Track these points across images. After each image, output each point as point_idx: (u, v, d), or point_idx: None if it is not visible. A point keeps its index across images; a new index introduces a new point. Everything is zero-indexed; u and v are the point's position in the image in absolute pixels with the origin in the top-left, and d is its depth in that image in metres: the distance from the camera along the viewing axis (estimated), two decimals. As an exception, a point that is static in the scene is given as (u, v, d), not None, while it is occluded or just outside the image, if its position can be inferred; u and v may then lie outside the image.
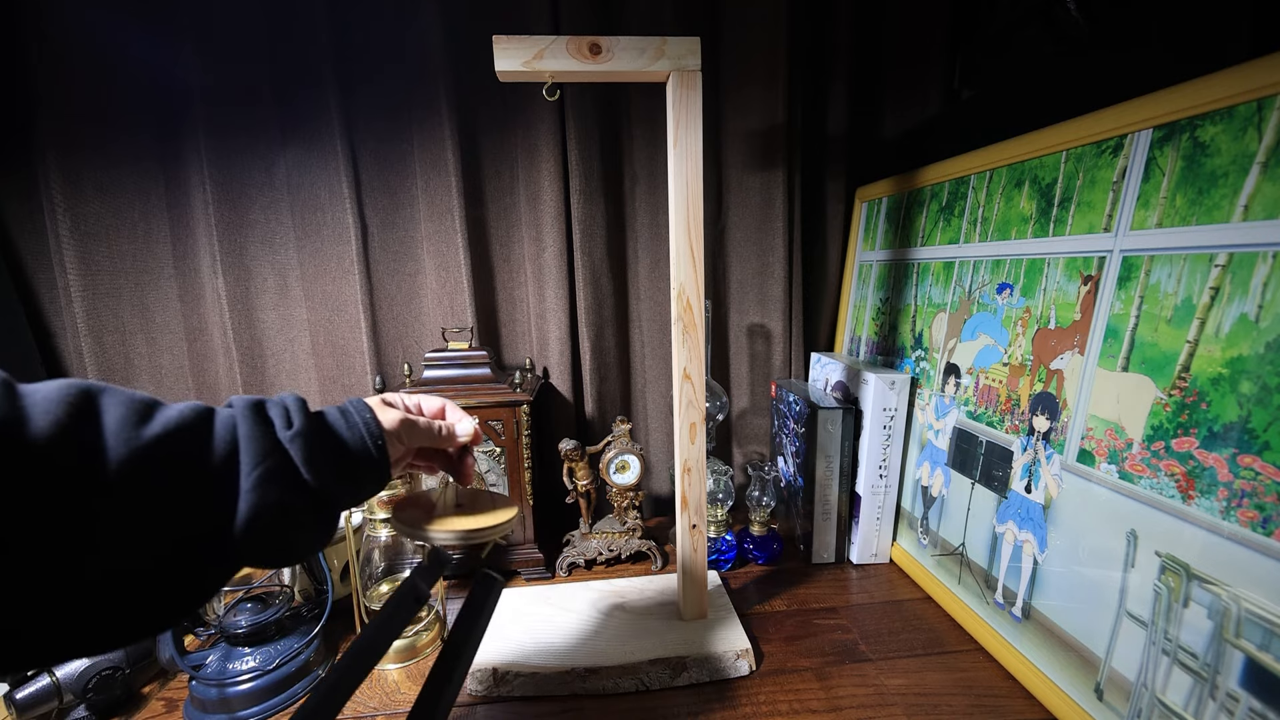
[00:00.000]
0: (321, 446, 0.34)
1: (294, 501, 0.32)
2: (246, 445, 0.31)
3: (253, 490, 0.30)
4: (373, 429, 0.37)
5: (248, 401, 0.33)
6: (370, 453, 0.37)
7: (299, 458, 0.33)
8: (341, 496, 0.35)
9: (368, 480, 0.37)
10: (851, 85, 0.94)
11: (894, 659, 0.62)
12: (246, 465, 0.30)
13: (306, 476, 0.33)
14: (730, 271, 0.97)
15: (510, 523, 0.46)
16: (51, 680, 0.54)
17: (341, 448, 0.36)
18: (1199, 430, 0.42)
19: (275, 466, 0.31)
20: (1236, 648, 0.39)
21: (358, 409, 0.38)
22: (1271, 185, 0.39)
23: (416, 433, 0.41)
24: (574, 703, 0.58)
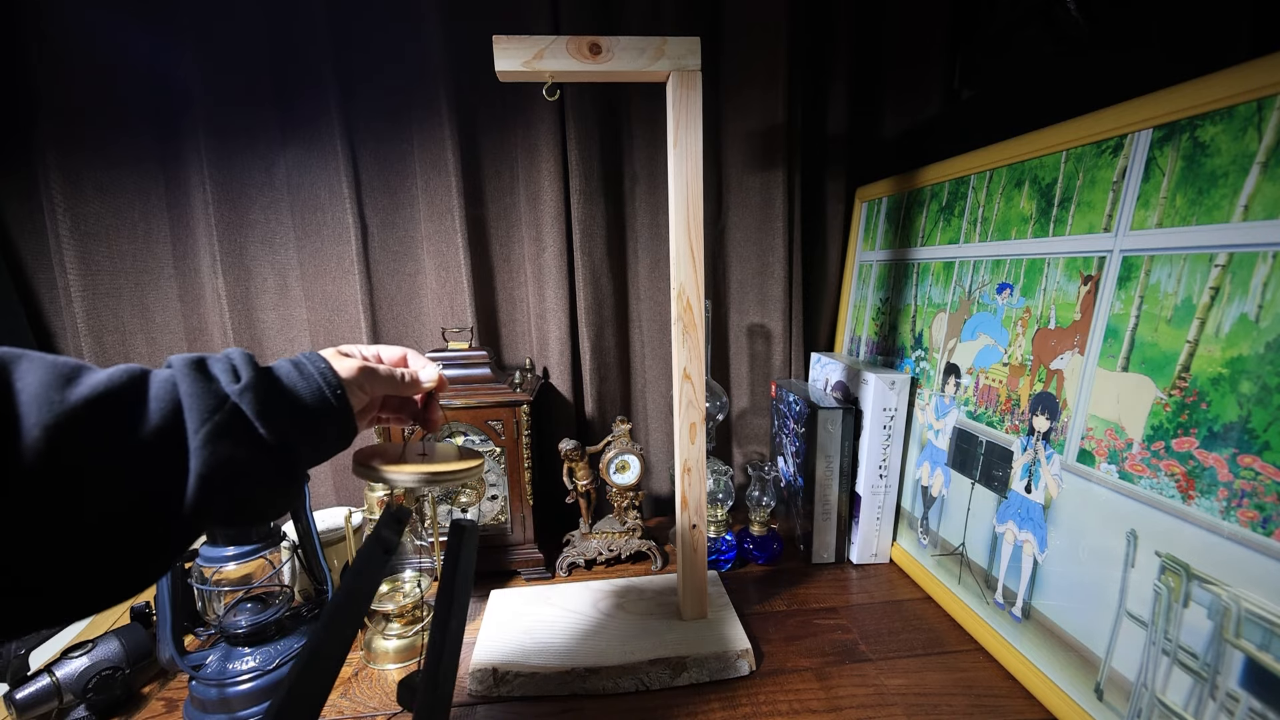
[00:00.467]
0: (275, 399, 0.32)
1: (250, 457, 0.31)
2: (190, 403, 0.29)
3: (202, 448, 0.29)
4: (329, 378, 0.36)
5: (187, 359, 0.31)
6: (329, 402, 0.35)
7: (251, 411, 0.31)
8: (303, 450, 0.34)
9: (329, 432, 0.36)
10: (851, 85, 0.94)
11: (894, 659, 0.62)
12: (192, 423, 0.29)
13: (261, 431, 0.31)
14: (730, 271, 0.97)
15: (474, 470, 0.44)
16: (51, 680, 0.54)
17: (297, 400, 0.34)
18: (1199, 430, 0.42)
19: (225, 422, 0.30)
20: (1236, 648, 0.39)
21: (311, 360, 0.36)
22: (1271, 185, 0.39)
23: (377, 380, 0.40)
24: (574, 703, 0.58)
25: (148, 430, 0.27)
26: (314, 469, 0.92)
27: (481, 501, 0.82)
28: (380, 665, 0.64)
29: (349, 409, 0.36)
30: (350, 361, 0.38)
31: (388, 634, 0.65)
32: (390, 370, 0.42)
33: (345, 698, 0.59)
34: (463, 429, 0.80)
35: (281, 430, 0.32)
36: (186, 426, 0.29)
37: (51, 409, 0.25)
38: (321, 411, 0.35)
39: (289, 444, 0.33)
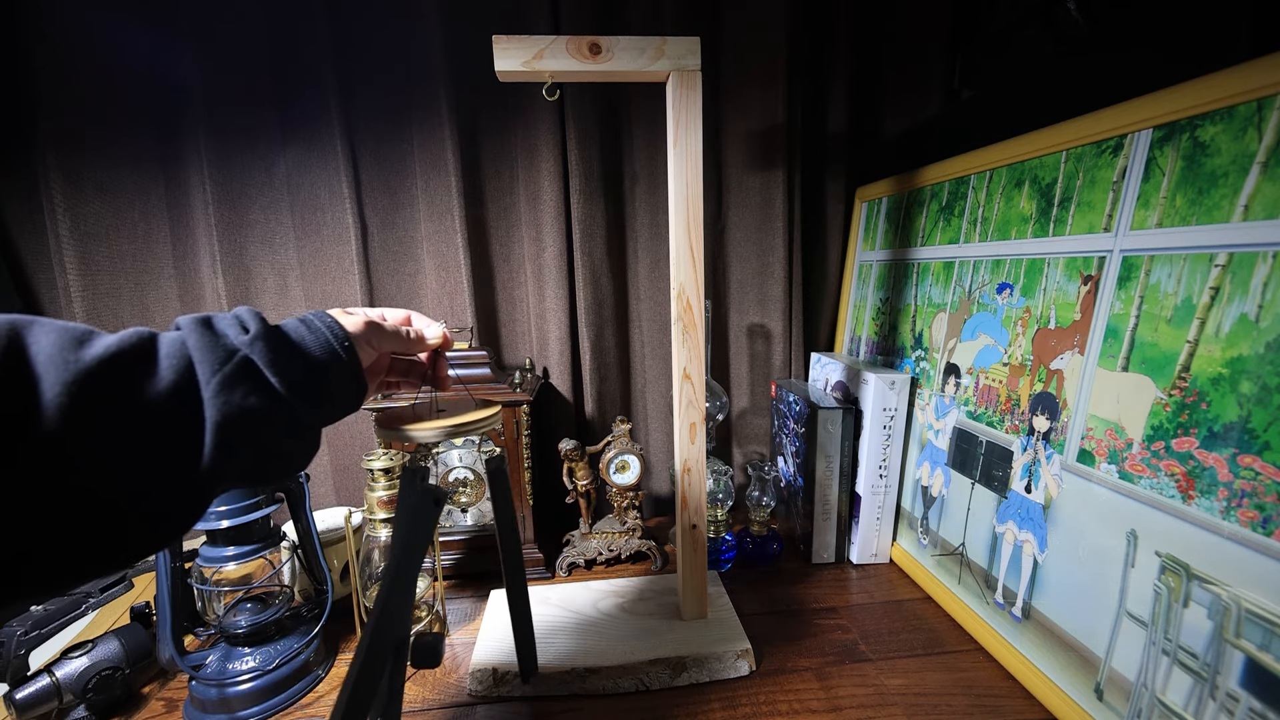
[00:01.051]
0: (284, 350, 0.32)
1: (262, 407, 0.31)
2: (200, 356, 0.29)
3: (215, 397, 0.29)
4: (337, 331, 0.36)
5: (195, 317, 0.31)
6: (339, 355, 0.35)
7: (261, 361, 0.31)
8: (316, 402, 0.34)
9: (341, 386, 0.36)
10: (851, 85, 0.94)
11: (894, 659, 0.62)
12: (204, 374, 0.29)
13: (272, 380, 0.31)
14: (730, 271, 0.97)
15: (492, 419, 0.45)
16: (51, 680, 0.54)
17: (306, 352, 0.34)
18: (1199, 430, 0.42)
19: (235, 373, 0.30)
20: (1236, 648, 0.39)
21: (318, 316, 0.36)
22: (1271, 185, 0.39)
23: (383, 336, 0.40)
24: (574, 703, 0.58)
25: (162, 385, 0.28)
26: (314, 472, 0.92)
27: (481, 501, 0.82)
28: (380, 665, 0.64)
29: (358, 362, 0.37)
30: (356, 317, 0.39)
31: (388, 634, 0.65)
32: (396, 326, 0.42)
33: (345, 698, 0.59)
34: (463, 429, 0.80)
35: (292, 381, 0.32)
36: (199, 379, 0.29)
37: (68, 368, 0.25)
38: (331, 364, 0.35)
39: (301, 395, 0.33)
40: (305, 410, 0.33)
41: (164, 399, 0.28)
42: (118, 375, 0.27)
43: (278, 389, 0.32)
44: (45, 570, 0.26)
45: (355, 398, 0.38)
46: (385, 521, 0.66)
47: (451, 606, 0.74)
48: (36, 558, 0.25)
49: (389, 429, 0.43)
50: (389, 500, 0.66)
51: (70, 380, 0.25)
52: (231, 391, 0.29)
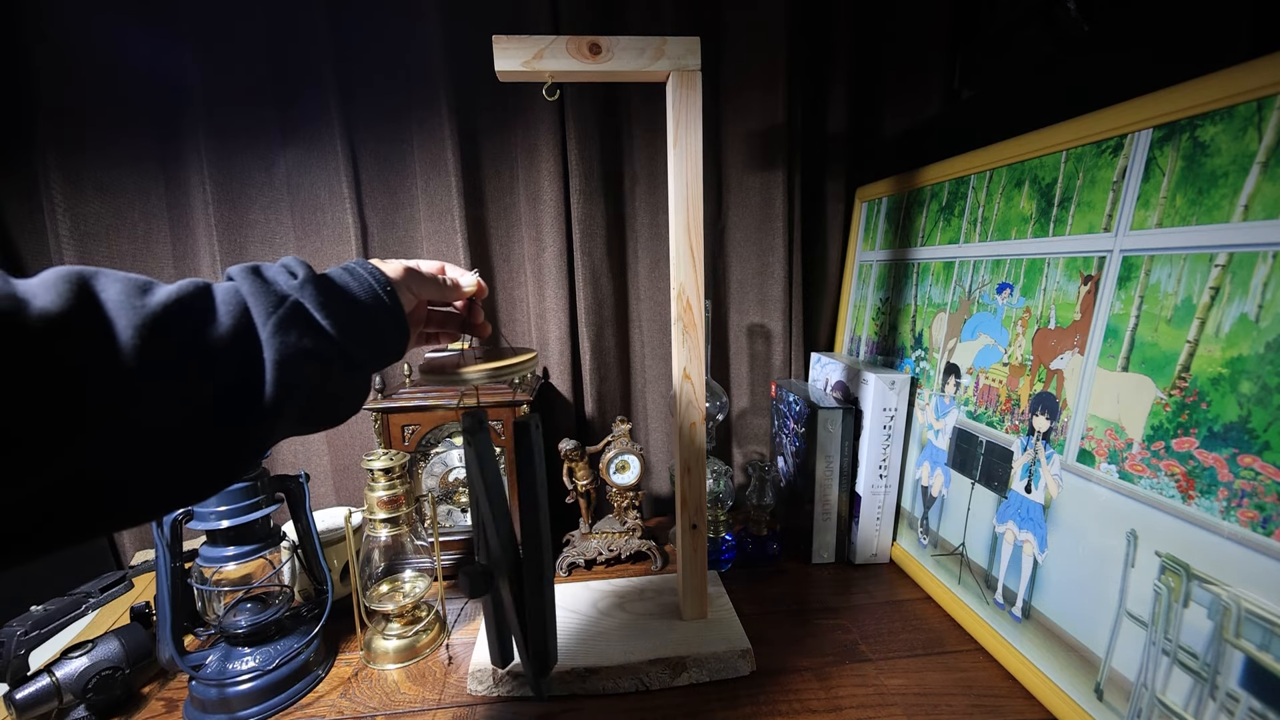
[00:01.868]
0: (331, 294, 0.34)
1: (316, 347, 0.32)
2: (255, 301, 0.31)
3: (273, 337, 0.30)
4: (379, 277, 0.38)
5: (245, 266, 0.33)
6: (383, 299, 0.37)
7: (311, 304, 0.33)
8: (364, 344, 0.36)
9: (386, 329, 0.38)
10: (851, 85, 0.94)
11: (894, 659, 0.62)
12: (260, 318, 0.30)
13: (323, 322, 0.33)
14: (730, 271, 0.97)
15: (531, 361, 0.49)
16: (51, 680, 0.54)
17: (351, 297, 0.36)
18: (1199, 430, 0.42)
19: (288, 315, 0.31)
20: (1236, 648, 0.39)
21: (359, 264, 0.38)
22: (1271, 185, 0.39)
23: (422, 281, 0.42)
24: (574, 703, 0.58)
25: (222, 328, 0.29)
26: (314, 471, 0.92)
27: (481, 501, 0.82)
28: (380, 665, 0.64)
29: (400, 307, 0.38)
30: (395, 264, 0.40)
31: (388, 634, 0.65)
32: (433, 273, 0.44)
33: (345, 698, 0.59)
34: (463, 429, 0.80)
35: (341, 323, 0.34)
36: (255, 322, 0.30)
37: (137, 313, 0.26)
38: (375, 307, 0.37)
39: (350, 336, 0.34)
40: (355, 350, 0.35)
41: (225, 340, 0.29)
42: (181, 319, 0.28)
43: (329, 331, 0.33)
44: (143, 498, 0.27)
45: (399, 342, 0.39)
46: (385, 521, 0.66)
47: (451, 606, 0.74)
48: (133, 487, 0.27)
49: (436, 373, 0.45)
50: (389, 500, 0.66)
51: (140, 323, 0.26)
52: (287, 333, 0.31)
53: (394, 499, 0.66)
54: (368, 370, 0.37)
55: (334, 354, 0.33)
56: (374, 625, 0.67)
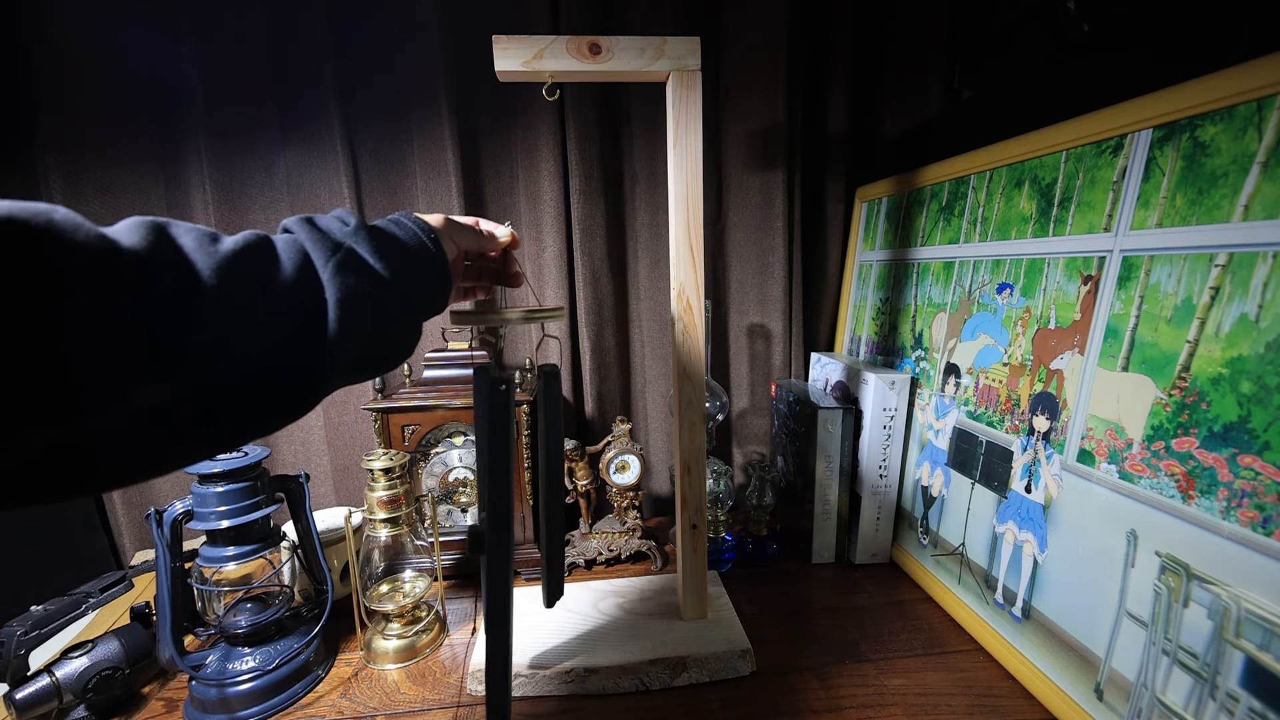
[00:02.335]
0: (381, 241, 0.36)
1: (373, 290, 0.34)
2: (313, 247, 0.33)
3: (333, 278, 0.32)
4: (424, 226, 0.40)
5: (299, 217, 0.35)
6: (428, 247, 0.40)
7: (364, 249, 0.35)
8: (415, 289, 0.38)
9: (432, 276, 0.40)
10: (851, 85, 0.94)
11: (894, 659, 0.62)
12: (319, 261, 0.32)
13: (376, 266, 0.35)
14: (730, 271, 0.97)
15: (561, 311, 0.52)
16: (51, 680, 0.54)
17: (400, 243, 0.38)
18: (1199, 430, 0.42)
19: (345, 260, 0.33)
20: (1236, 648, 0.39)
21: (404, 215, 0.41)
22: (1271, 185, 0.39)
23: (462, 231, 0.45)
24: (574, 703, 0.58)
25: (286, 272, 0.31)
26: (314, 471, 0.92)
27: (481, 501, 0.82)
28: (380, 665, 0.64)
29: (444, 254, 0.41)
30: (437, 216, 0.44)
31: (388, 634, 0.65)
32: (469, 223, 0.47)
33: (345, 698, 0.59)
34: (463, 429, 0.80)
35: (393, 267, 0.36)
36: (316, 266, 0.32)
37: (213, 257, 0.28)
38: (422, 254, 0.39)
39: (402, 279, 0.36)
40: (407, 290, 0.37)
41: (291, 283, 0.31)
42: (251, 263, 0.30)
43: (382, 273, 0.35)
44: (231, 428, 0.29)
45: (443, 288, 0.42)
46: (385, 521, 0.66)
47: (451, 606, 0.74)
48: (221, 417, 0.28)
49: (471, 313, 0.49)
50: (389, 500, 0.66)
51: (216, 266, 0.27)
52: (345, 275, 0.33)
53: (394, 499, 0.66)
54: (417, 315, 0.39)
55: (388, 295, 0.35)
56: (374, 625, 0.67)
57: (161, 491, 0.91)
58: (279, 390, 0.31)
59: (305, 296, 0.31)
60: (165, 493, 0.91)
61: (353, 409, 0.92)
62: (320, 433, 0.93)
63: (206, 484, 0.56)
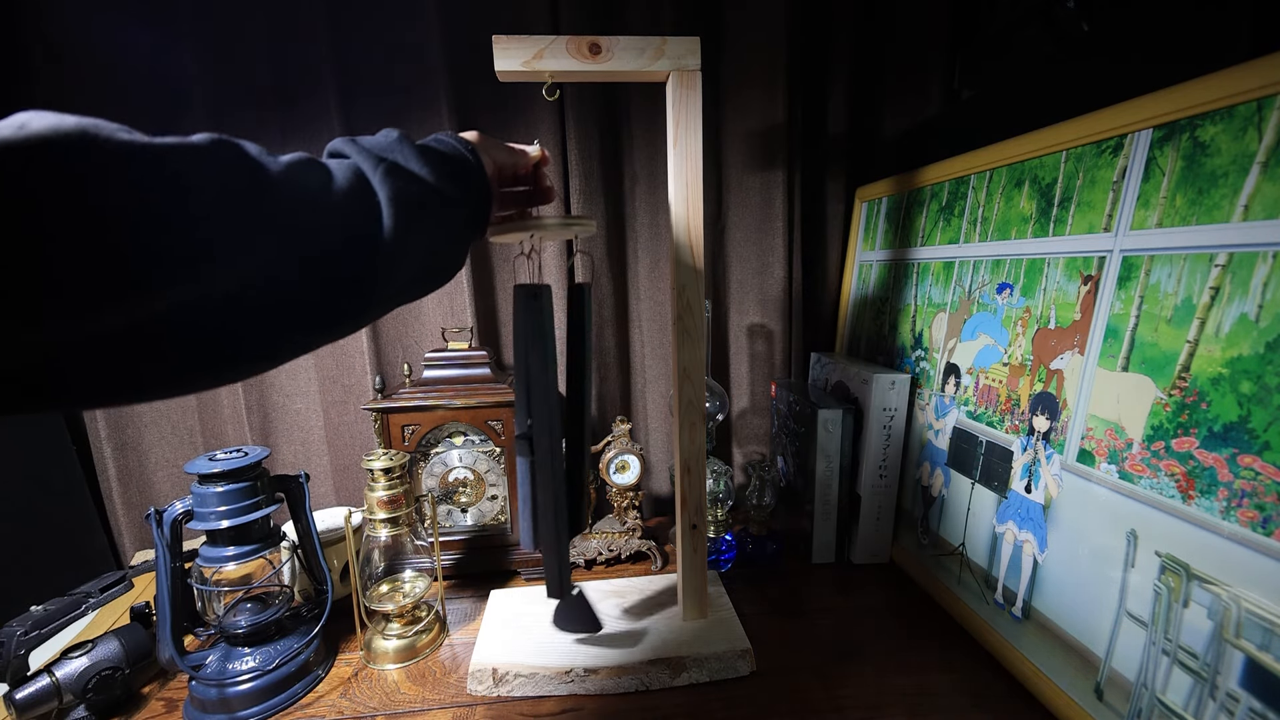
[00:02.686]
0: (424, 150, 0.38)
1: (421, 193, 0.35)
2: (360, 159, 0.34)
3: (383, 181, 0.33)
4: (462, 140, 0.42)
5: (343, 138, 0.36)
6: (468, 158, 0.41)
7: (408, 157, 0.36)
8: (458, 195, 0.39)
9: (473, 185, 0.41)
10: (851, 85, 0.94)
11: (894, 659, 0.62)
12: (368, 170, 0.34)
13: (420, 173, 0.36)
14: (730, 271, 0.97)
15: (593, 223, 0.55)
16: (51, 680, 0.54)
17: (441, 154, 0.39)
18: (1199, 430, 0.42)
19: (391, 167, 0.34)
20: (1236, 648, 0.39)
21: (442, 133, 0.42)
22: (1271, 185, 0.39)
23: (495, 147, 0.47)
24: (574, 702, 0.58)
25: (340, 180, 0.32)
26: (314, 471, 0.92)
27: (481, 501, 0.82)
28: (380, 665, 0.64)
29: (483, 165, 0.43)
30: (472, 133, 0.45)
31: (388, 634, 0.65)
32: (502, 143, 0.49)
33: (345, 698, 0.59)
34: (463, 429, 0.80)
35: (437, 174, 0.37)
36: (365, 173, 0.34)
37: (280, 165, 0.30)
38: (461, 164, 0.41)
39: (445, 186, 0.38)
40: (453, 195, 0.38)
41: (347, 186, 0.32)
42: (310, 175, 0.32)
43: (427, 179, 0.37)
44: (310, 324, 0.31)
45: (484, 201, 0.43)
46: (385, 521, 0.66)
47: (451, 606, 0.74)
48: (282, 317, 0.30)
49: (508, 223, 0.52)
50: (389, 500, 0.66)
51: (280, 170, 0.30)
52: (394, 179, 0.34)
53: (394, 499, 0.66)
54: (463, 227, 0.41)
55: (434, 199, 0.37)
56: (374, 625, 0.67)
57: (161, 491, 0.91)
58: (336, 292, 0.32)
59: (361, 203, 0.32)
60: (165, 493, 0.91)
61: (353, 409, 0.92)
62: (320, 433, 0.93)
63: (206, 484, 0.56)
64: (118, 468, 0.87)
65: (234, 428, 0.91)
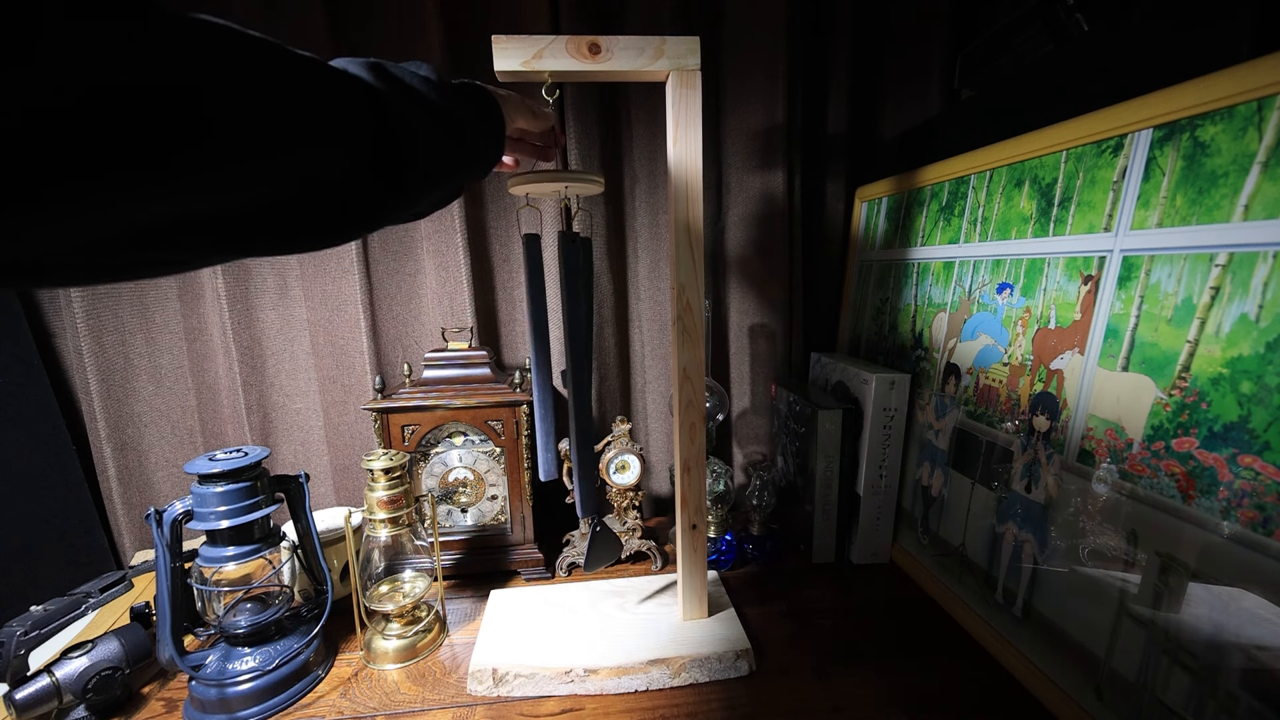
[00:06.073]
0: (426, 78, 0.38)
1: (432, 107, 0.36)
2: (362, 70, 0.34)
3: (396, 98, 0.33)
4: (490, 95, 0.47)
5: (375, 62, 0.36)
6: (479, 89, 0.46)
7: (417, 79, 0.37)
8: (468, 118, 0.41)
9: (484, 106, 0.45)
10: (851, 85, 0.94)
11: (894, 659, 0.62)
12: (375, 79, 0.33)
13: (431, 95, 0.37)
14: (730, 271, 0.97)
15: (601, 181, 0.61)
16: (51, 680, 0.54)
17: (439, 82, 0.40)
18: (1199, 430, 0.42)
19: (400, 84, 0.35)
20: (1236, 648, 0.39)
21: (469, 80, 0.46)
22: (1271, 185, 0.39)
23: (518, 106, 0.52)
24: (574, 702, 0.58)
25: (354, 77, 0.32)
26: (314, 471, 0.92)
27: (481, 501, 0.82)
28: (380, 665, 0.64)
29: (491, 94, 0.47)
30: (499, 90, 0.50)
31: (388, 634, 0.65)
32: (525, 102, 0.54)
33: (345, 698, 0.59)
34: (463, 429, 0.80)
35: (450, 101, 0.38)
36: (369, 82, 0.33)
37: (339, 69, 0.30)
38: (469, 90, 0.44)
39: (455, 107, 0.39)
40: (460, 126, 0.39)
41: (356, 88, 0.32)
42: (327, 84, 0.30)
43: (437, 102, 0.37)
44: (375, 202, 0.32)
45: (491, 119, 0.47)
46: (385, 521, 0.66)
47: (451, 606, 0.74)
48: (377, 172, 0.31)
49: (526, 176, 0.57)
50: (389, 500, 0.66)
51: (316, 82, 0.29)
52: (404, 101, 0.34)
53: (394, 499, 0.66)
54: (470, 134, 0.41)
55: (445, 122, 0.37)
56: (374, 625, 0.67)
57: (161, 491, 0.91)
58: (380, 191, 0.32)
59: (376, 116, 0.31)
60: (165, 493, 0.91)
61: (353, 409, 0.92)
62: (320, 433, 0.93)
63: (206, 484, 0.56)
64: (118, 468, 0.87)
65: (234, 428, 0.91)
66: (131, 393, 0.87)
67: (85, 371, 0.83)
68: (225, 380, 0.90)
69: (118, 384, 0.86)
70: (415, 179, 0.34)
